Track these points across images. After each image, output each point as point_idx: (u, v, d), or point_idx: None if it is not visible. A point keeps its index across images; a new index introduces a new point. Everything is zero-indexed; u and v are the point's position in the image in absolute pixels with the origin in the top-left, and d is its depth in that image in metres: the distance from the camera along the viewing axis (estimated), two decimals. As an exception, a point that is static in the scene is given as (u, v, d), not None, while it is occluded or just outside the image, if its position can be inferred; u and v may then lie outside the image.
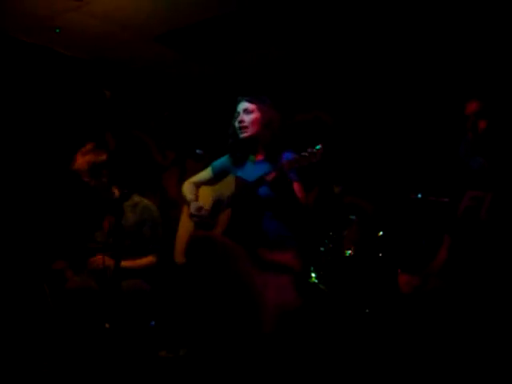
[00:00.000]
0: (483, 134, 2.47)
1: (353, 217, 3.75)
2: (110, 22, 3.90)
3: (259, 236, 2.51)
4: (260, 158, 2.68)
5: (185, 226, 2.78)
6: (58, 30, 4.04)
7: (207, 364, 2.56)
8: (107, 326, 2.69)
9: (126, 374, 2.57)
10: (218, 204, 2.64)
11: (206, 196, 2.80)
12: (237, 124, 2.66)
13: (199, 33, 4.05)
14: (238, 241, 2.47)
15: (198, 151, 2.83)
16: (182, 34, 4.09)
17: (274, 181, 2.37)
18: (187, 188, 2.87)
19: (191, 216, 2.67)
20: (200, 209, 2.66)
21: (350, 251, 3.65)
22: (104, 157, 3.01)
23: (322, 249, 3.64)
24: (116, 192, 3.07)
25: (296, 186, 2.52)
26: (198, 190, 2.87)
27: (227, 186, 2.62)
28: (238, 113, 2.68)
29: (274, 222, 2.55)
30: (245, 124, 2.63)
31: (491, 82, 2.58)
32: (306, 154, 2.26)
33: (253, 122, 2.63)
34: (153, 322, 3.04)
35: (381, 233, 3.76)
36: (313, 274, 3.49)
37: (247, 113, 2.65)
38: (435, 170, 4.17)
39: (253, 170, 2.63)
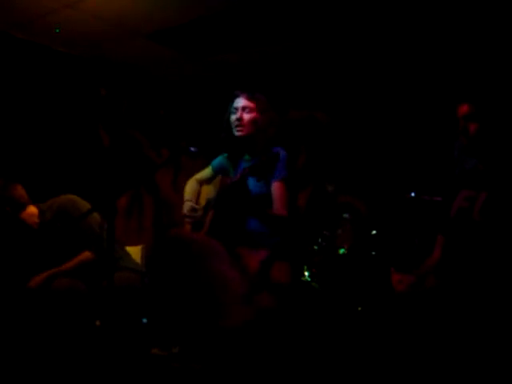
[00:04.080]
0: (474, 137, 2.47)
1: (346, 215, 3.75)
2: (105, 19, 3.90)
3: (242, 235, 2.49)
4: (254, 158, 2.64)
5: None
6: (57, 30, 4.04)
7: (200, 362, 2.56)
8: (98, 323, 2.69)
9: (117, 371, 2.56)
10: (208, 205, 2.65)
11: (208, 195, 2.82)
12: (234, 121, 2.60)
13: (193, 31, 4.05)
14: (219, 239, 2.45)
15: (192, 149, 2.81)
16: (177, 32, 4.09)
17: (230, 186, 2.35)
18: (190, 186, 2.86)
19: (183, 216, 2.67)
20: (193, 209, 2.65)
21: (343, 250, 3.64)
22: (11, 192, 3.03)
23: (315, 247, 3.63)
24: (32, 211, 3.09)
25: (277, 185, 2.50)
26: (201, 188, 2.87)
27: (217, 185, 2.63)
28: (236, 109, 2.61)
29: (256, 220, 2.52)
30: (243, 122, 2.57)
31: (484, 85, 2.57)
32: (264, 158, 2.23)
33: (251, 122, 2.57)
34: (145, 319, 3.04)
35: (374, 231, 3.76)
36: (306, 273, 3.49)
37: (246, 111, 2.58)
38: (429, 169, 4.17)
39: None
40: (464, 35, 3.89)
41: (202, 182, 2.89)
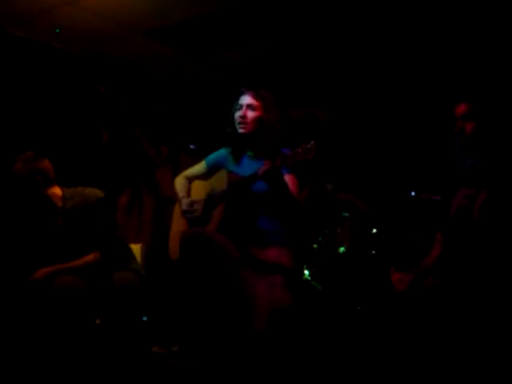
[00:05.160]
0: (472, 136, 2.47)
1: (346, 214, 3.75)
2: (104, 17, 3.90)
3: (252, 233, 2.49)
4: (259, 154, 2.63)
5: (178, 222, 2.77)
6: (57, 31, 4.04)
7: (200, 360, 2.56)
8: (98, 321, 2.68)
9: (118, 369, 2.56)
10: (210, 200, 2.63)
11: (199, 191, 2.78)
12: (238, 118, 2.60)
13: (194, 29, 4.05)
14: (231, 238, 2.45)
15: (192, 146, 2.81)
16: (177, 31, 4.09)
17: (265, 174, 2.31)
18: (179, 183, 2.84)
19: (183, 212, 2.65)
20: (192, 205, 2.64)
21: (343, 248, 3.65)
22: (42, 165, 2.96)
23: (315, 246, 3.64)
24: (57, 192, 3.02)
25: (289, 178, 2.49)
26: (191, 184, 2.86)
27: (220, 181, 2.61)
28: (241, 106, 2.61)
29: (267, 218, 2.53)
30: (247, 120, 2.57)
31: (481, 85, 2.57)
32: (300, 150, 2.23)
33: (254, 120, 2.58)
34: (145, 317, 3.05)
35: (374, 230, 3.77)
36: (306, 272, 3.49)
37: (251, 109, 2.58)
38: (428, 167, 4.18)
39: (250, 166, 2.59)
40: (462, 35, 3.90)
41: (191, 179, 2.87)
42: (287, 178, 2.50)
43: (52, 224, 2.97)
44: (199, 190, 2.80)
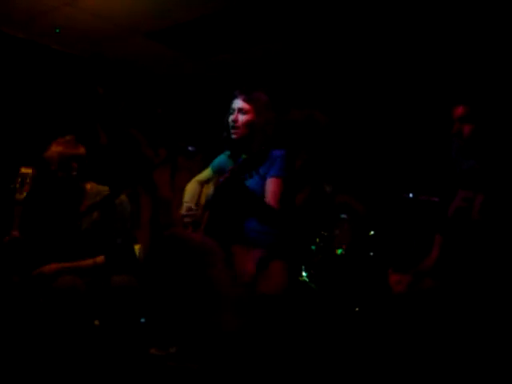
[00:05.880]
0: (470, 138, 2.47)
1: (344, 216, 3.75)
2: (103, 17, 3.90)
3: (238, 233, 2.49)
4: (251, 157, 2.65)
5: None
6: (57, 31, 4.04)
7: (196, 362, 2.56)
8: (96, 323, 2.68)
9: (116, 371, 2.56)
10: (207, 204, 2.65)
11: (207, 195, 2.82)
12: (230, 122, 2.60)
13: (194, 30, 4.05)
14: (215, 238, 2.44)
15: (190, 148, 2.81)
16: (177, 31, 4.09)
17: (223, 182, 2.30)
18: (190, 188, 2.87)
19: (182, 217, 2.67)
20: (190, 209, 2.65)
21: (341, 250, 3.65)
22: (80, 151, 2.89)
23: (313, 248, 3.64)
24: (87, 185, 2.96)
25: (272, 181, 2.50)
26: (203, 189, 2.87)
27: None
28: (233, 110, 2.61)
29: (253, 218, 2.50)
30: (238, 124, 2.57)
31: (479, 87, 2.58)
32: (251, 156, 2.24)
33: (246, 124, 2.57)
34: (143, 319, 3.04)
35: (372, 232, 3.77)
36: (304, 273, 3.49)
37: (242, 113, 2.58)
38: (426, 169, 4.19)
39: None
40: (460, 37, 3.91)
41: (202, 183, 2.89)
42: (270, 181, 2.50)
43: (72, 217, 2.88)
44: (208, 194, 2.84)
